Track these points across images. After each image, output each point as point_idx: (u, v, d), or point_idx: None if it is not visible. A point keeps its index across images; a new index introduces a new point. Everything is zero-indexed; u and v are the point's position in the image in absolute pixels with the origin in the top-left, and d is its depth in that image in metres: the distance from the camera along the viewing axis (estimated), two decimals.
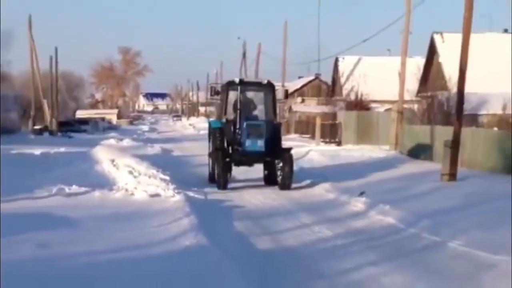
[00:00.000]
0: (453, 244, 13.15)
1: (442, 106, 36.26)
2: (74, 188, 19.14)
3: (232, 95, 24.13)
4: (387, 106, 48.73)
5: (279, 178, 21.66)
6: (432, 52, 47.96)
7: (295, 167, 24.20)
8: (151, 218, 15.22)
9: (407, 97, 39.63)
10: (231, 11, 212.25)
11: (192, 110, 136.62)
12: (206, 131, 77.85)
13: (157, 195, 18.86)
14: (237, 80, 23.98)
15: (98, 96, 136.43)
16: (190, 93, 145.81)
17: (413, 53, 41.14)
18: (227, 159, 22.50)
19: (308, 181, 25.03)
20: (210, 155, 24.24)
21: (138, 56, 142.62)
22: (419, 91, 47.07)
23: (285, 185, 21.69)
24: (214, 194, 21.32)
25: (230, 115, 23.93)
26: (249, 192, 22.52)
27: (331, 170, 27.10)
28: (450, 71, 34.01)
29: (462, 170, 23.27)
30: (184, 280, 9.59)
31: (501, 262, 11.62)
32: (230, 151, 23.31)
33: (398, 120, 35.93)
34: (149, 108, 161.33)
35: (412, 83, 42.93)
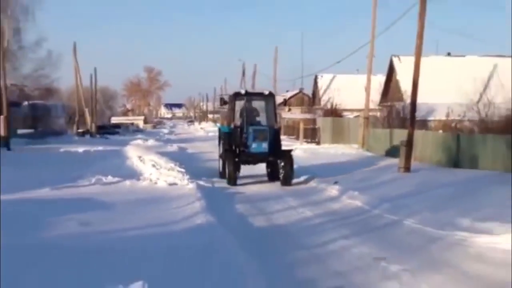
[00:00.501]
0: (408, 222, 13.23)
1: (399, 114, 36.34)
2: (109, 178, 19.17)
3: (238, 104, 22.74)
4: (356, 113, 48.69)
5: (281, 175, 20.24)
6: (391, 71, 47.99)
7: None
8: (170, 202, 15.23)
9: (371, 106, 39.82)
10: (234, 37, 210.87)
11: (202, 116, 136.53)
12: (213, 133, 77.40)
13: (175, 184, 18.85)
14: (242, 91, 23.07)
15: (128, 105, 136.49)
16: (201, 103, 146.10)
17: (376, 71, 41.21)
18: (237, 159, 20.99)
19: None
20: (221, 155, 22.80)
21: (159, 74, 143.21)
22: (381, 102, 47.16)
23: (287, 182, 20.28)
24: (220, 183, 21.23)
25: (237, 121, 22.37)
26: (251, 184, 22.00)
27: (312, 164, 26.92)
28: (405, 86, 34.04)
29: (415, 164, 23.29)
30: (198, 250, 9.64)
31: (446, 236, 11.68)
32: (238, 152, 21.68)
33: (365, 124, 36.08)
34: (169, 115, 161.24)
35: (376, 95, 43.07)
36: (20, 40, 44.94)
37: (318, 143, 44.47)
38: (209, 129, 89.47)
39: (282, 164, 20.29)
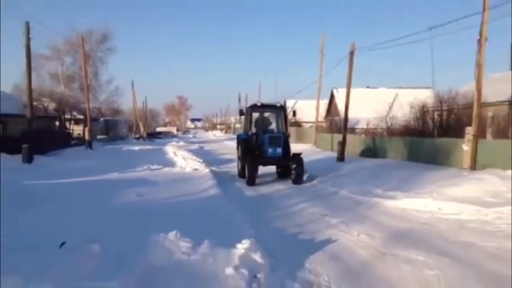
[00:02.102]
0: (343, 192, 13.26)
1: (337, 124, 36.51)
2: (155, 166, 19.09)
3: (254, 115, 18.56)
4: (311, 124, 48.65)
5: (293, 176, 15.99)
6: (332, 97, 48.00)
7: None
8: (193, 181, 15.18)
9: (320, 119, 39.87)
10: (235, 74, 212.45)
11: (213, 127, 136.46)
12: (220, 137, 76.36)
13: (196, 169, 18.79)
14: (258, 103, 18.53)
15: (167, 120, 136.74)
16: (213, 118, 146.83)
17: (323, 97, 41.01)
18: (255, 163, 16.55)
19: None
20: (239, 158, 18.31)
21: (186, 100, 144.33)
22: (326, 116, 47.35)
23: (298, 181, 15.90)
24: (225, 168, 21.20)
25: (253, 129, 18.17)
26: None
27: None
28: (341, 107, 33.91)
29: (347, 156, 23.32)
30: (211, 210, 9.69)
31: (367, 200, 11.76)
32: (255, 156, 17.27)
33: (316, 131, 36.00)
34: (192, 126, 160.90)
35: (323, 112, 43.42)
36: (98, 79, 45.48)
37: None
38: (218, 134, 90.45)
39: (294, 166, 16.02)
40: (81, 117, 41.16)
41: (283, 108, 18.69)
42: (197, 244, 5.58)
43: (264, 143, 16.58)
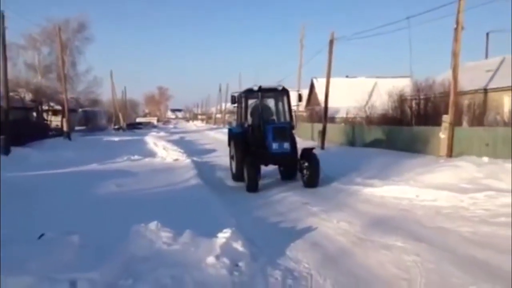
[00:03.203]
0: (322, 180, 13.31)
1: (317, 113, 36.65)
2: (135, 157, 18.95)
3: (251, 102, 14.46)
4: None
5: (305, 177, 12.54)
6: (312, 87, 48.07)
7: None
8: (174, 171, 15.13)
9: (301, 109, 40.06)
10: (216, 64, 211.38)
11: (194, 117, 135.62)
12: (201, 127, 75.61)
13: (177, 159, 18.70)
14: (255, 87, 13.90)
15: (146, 110, 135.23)
16: (194, 108, 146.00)
17: (304, 87, 40.93)
18: (256, 162, 12.78)
19: None
20: (232, 157, 14.18)
21: (166, 90, 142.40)
22: (306, 106, 47.46)
23: (312, 183, 12.31)
24: (206, 158, 21.06)
25: (249, 120, 14.07)
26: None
27: None
28: (321, 96, 34.09)
29: (327, 145, 23.50)
30: (193, 200, 9.69)
31: (347, 188, 11.85)
32: (256, 154, 13.19)
33: (296, 120, 36.17)
34: (173, 117, 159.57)
35: (303, 102, 43.49)
36: (75, 69, 44.88)
37: None
38: (199, 125, 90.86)
39: (306, 164, 12.62)
40: (59, 107, 40.55)
41: (286, 92, 14.23)
42: (178, 234, 5.57)
43: (267, 137, 12.97)
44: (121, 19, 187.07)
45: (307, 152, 13.10)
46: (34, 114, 38.15)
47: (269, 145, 12.82)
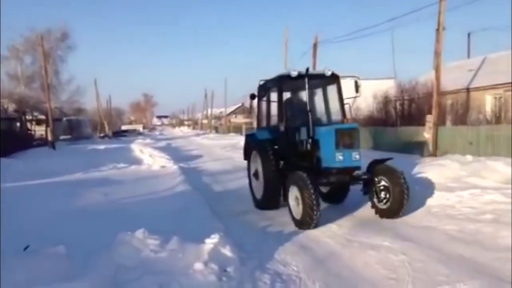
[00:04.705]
0: None
1: None
2: (121, 165, 18.78)
3: (288, 94, 10.23)
4: None
5: (386, 202, 8.37)
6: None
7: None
8: (161, 178, 15.03)
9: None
10: (201, 70, 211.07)
11: (181, 123, 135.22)
12: (188, 133, 74.97)
13: (164, 166, 18.57)
14: (294, 73, 9.18)
15: (132, 117, 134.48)
16: (180, 115, 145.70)
17: None
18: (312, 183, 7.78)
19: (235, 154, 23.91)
20: (256, 176, 10.07)
21: (152, 97, 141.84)
22: None
23: (399, 211, 8.19)
24: (193, 164, 20.97)
25: (288, 121, 9.31)
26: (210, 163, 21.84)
27: None
28: None
29: None
30: (181, 207, 9.60)
31: None
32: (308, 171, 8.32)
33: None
34: (159, 123, 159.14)
35: None
36: (59, 78, 44.50)
37: None
38: (185, 131, 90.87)
39: (385, 183, 8.48)
40: (43, 117, 40.11)
41: (337, 79, 9.77)
42: (165, 241, 5.53)
43: (323, 144, 8.61)
44: (104, 27, 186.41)
45: (382, 165, 8.84)
46: (18, 124, 37.70)
47: (326, 157, 8.49)
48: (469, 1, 16.77)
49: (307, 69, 9.10)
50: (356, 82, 9.80)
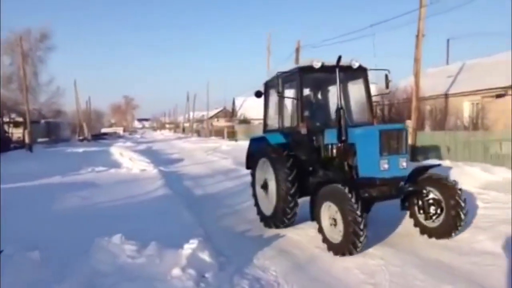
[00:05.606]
0: None
1: None
2: (100, 168, 18.55)
3: (311, 89, 8.73)
4: (260, 121, 49.28)
5: (441, 220, 6.84)
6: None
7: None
8: (141, 181, 14.88)
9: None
10: (183, 74, 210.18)
11: (162, 126, 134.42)
12: (169, 136, 74.46)
13: (144, 170, 18.39)
14: (317, 63, 7.47)
15: (113, 120, 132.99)
16: (161, 118, 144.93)
17: None
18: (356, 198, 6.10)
19: (216, 158, 24.15)
20: (264, 188, 8.43)
21: (132, 100, 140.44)
22: None
23: (456, 229, 6.72)
24: (173, 168, 20.80)
25: (312, 121, 7.95)
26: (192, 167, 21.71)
27: (230, 153, 26.83)
28: None
29: None
30: (160, 211, 9.51)
31: None
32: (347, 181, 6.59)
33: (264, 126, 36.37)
34: (140, 126, 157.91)
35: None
36: (37, 80, 43.70)
37: (236, 140, 44.49)
38: (166, 134, 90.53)
39: (433, 196, 7.04)
40: (21, 119, 39.42)
41: (365, 73, 8.23)
42: (143, 247, 5.48)
43: (363, 149, 6.94)
44: (84, 28, 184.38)
45: (429, 174, 7.32)
46: None
47: (365, 165, 6.88)
48: (448, 8, 17.04)
49: (339, 58, 7.29)
50: (386, 76, 8.11)
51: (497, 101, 20.36)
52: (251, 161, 9.04)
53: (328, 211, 6.57)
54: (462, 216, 6.75)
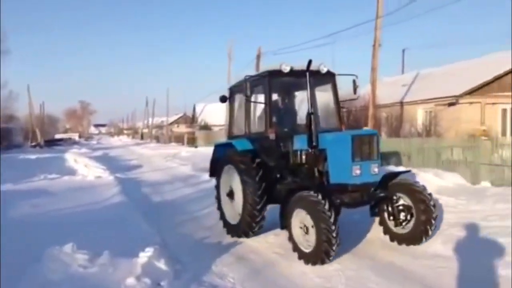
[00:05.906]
0: None
1: None
2: (53, 175, 17.93)
3: (280, 94, 8.52)
4: (221, 127, 49.06)
5: (411, 226, 6.85)
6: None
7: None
8: (96, 189, 14.47)
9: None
10: (143, 79, 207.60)
11: (120, 132, 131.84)
12: (127, 142, 73.26)
13: (100, 177, 17.91)
14: (286, 68, 7.43)
15: (67, 125, 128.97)
16: (119, 123, 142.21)
17: None
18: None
19: (175, 164, 23.87)
20: (231, 194, 8.15)
21: (89, 105, 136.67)
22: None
23: (426, 235, 6.76)
24: (131, 174, 20.41)
25: (280, 126, 7.77)
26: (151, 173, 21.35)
27: (190, 159, 26.58)
28: None
29: None
30: (116, 219, 9.27)
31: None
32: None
33: (225, 133, 36.32)
34: (96, 132, 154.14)
35: None
36: None
37: (196, 147, 44.17)
38: (124, 140, 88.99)
39: (403, 201, 6.99)
40: None
41: (333, 78, 8.19)
42: (96, 256, 5.33)
43: (334, 155, 6.85)
44: (38, 30, 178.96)
45: (398, 180, 7.21)
46: None
47: (336, 171, 6.79)
48: (404, 19, 17.65)
49: (309, 62, 7.07)
50: (354, 82, 8.17)
51: (449, 109, 21.19)
52: (216, 168, 8.68)
53: (300, 218, 6.35)
54: (432, 221, 6.76)
